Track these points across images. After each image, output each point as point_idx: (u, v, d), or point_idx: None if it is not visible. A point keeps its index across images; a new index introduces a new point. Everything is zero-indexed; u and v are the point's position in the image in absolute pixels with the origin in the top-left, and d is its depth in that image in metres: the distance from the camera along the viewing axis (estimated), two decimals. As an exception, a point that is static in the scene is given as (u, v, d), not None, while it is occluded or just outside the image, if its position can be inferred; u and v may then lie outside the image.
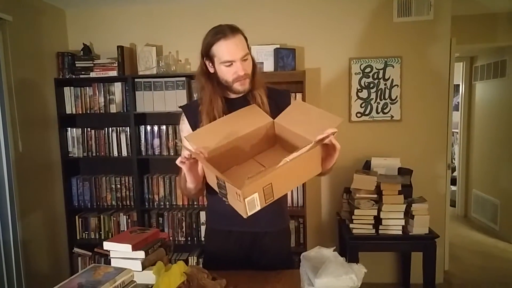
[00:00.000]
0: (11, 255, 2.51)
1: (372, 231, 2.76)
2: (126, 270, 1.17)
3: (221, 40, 1.44)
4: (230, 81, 1.49)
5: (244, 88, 1.51)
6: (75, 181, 3.28)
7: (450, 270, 3.56)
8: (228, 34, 1.44)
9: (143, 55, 3.19)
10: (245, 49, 1.47)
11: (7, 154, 2.52)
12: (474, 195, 4.98)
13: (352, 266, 1.37)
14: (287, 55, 3.07)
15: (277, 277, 1.54)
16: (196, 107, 1.58)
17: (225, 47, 1.44)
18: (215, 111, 1.51)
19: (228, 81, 1.50)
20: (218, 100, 1.53)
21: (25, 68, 2.87)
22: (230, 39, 1.44)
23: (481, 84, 4.81)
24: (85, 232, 3.30)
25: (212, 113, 1.51)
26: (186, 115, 1.61)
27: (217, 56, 1.47)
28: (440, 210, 3.25)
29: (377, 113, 3.25)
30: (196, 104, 1.59)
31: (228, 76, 1.48)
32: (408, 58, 3.19)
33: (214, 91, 1.53)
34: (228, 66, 1.47)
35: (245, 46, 1.48)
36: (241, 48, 1.46)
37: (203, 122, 1.51)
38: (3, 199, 2.50)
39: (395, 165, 3.01)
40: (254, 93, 1.55)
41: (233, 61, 1.45)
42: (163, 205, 3.23)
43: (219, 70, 1.50)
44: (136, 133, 3.17)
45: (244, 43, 1.49)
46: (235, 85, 1.50)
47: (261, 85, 1.57)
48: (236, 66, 1.46)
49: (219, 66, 1.48)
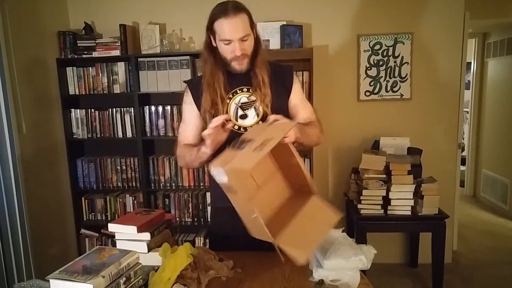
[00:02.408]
0: (18, 237, 2.52)
1: (381, 211, 2.73)
2: (131, 252, 1.14)
3: (222, 18, 1.44)
4: (228, 59, 1.51)
5: (241, 67, 1.53)
6: (80, 163, 3.26)
7: (459, 250, 3.54)
8: (230, 13, 1.43)
9: (146, 33, 3.12)
10: (245, 30, 1.47)
11: (11, 136, 2.49)
12: (484, 174, 4.91)
13: (362, 248, 1.34)
14: (294, 32, 2.99)
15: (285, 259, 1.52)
16: (199, 82, 1.61)
17: (225, 26, 1.45)
18: (216, 83, 1.54)
19: (226, 58, 1.52)
20: (220, 73, 1.55)
21: (26, 48, 2.81)
22: (231, 18, 1.43)
23: (493, 61, 4.68)
24: (92, 213, 3.30)
25: (213, 85, 1.54)
26: (189, 88, 1.65)
27: (217, 32, 1.48)
28: (450, 190, 3.20)
29: (386, 91, 3.18)
30: (199, 79, 1.62)
31: (227, 54, 1.50)
32: (419, 34, 3.09)
33: (216, 64, 1.55)
34: (227, 45, 1.48)
35: (247, 27, 1.48)
36: (241, 28, 1.45)
37: (204, 93, 1.55)
38: (9, 181, 2.49)
39: (404, 145, 2.95)
40: (256, 71, 1.56)
41: (231, 40, 1.46)
42: (169, 186, 3.21)
43: (219, 47, 1.51)
44: (141, 114, 3.13)
45: (246, 23, 1.48)
46: (232, 63, 1.52)
47: (263, 64, 1.58)
48: (233, 46, 1.47)
49: (219, 43, 1.50)
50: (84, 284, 0.97)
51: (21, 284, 1.14)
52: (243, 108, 1.58)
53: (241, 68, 1.53)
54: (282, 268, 1.44)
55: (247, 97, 1.58)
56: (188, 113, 1.66)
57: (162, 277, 1.18)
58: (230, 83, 1.57)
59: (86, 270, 1.02)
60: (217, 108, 1.55)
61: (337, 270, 1.28)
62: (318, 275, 1.29)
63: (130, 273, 1.10)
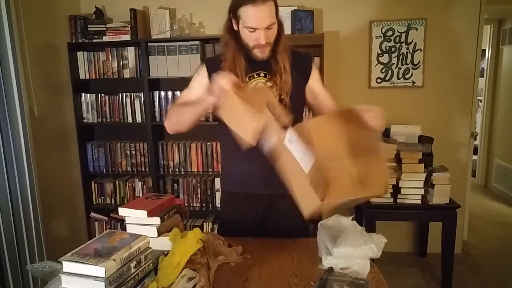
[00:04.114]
0: (30, 220, 2.55)
1: (390, 200, 2.71)
2: (141, 237, 1.14)
3: (250, 5, 1.39)
4: (251, 46, 1.48)
5: (263, 55, 1.50)
6: (90, 147, 3.28)
7: (469, 240, 3.51)
8: (258, 0, 1.38)
9: (156, 18, 3.09)
10: (272, 18, 1.43)
11: (23, 120, 2.51)
12: (496, 164, 4.85)
13: (372, 236, 1.33)
14: (305, 17, 2.94)
15: (294, 245, 1.52)
16: (218, 61, 1.57)
17: (251, 13, 1.40)
18: (238, 69, 1.50)
19: (248, 45, 1.48)
20: (241, 58, 1.52)
21: (38, 33, 2.81)
22: (259, 6, 1.39)
23: (509, 49, 4.57)
24: (101, 197, 3.33)
25: (234, 71, 1.48)
26: (207, 68, 1.59)
27: (242, 19, 1.43)
28: (462, 179, 3.17)
29: (398, 78, 3.13)
30: (218, 58, 1.58)
31: (250, 41, 1.47)
32: (433, 20, 3.02)
33: (238, 49, 1.51)
34: (251, 32, 1.44)
35: (273, 15, 1.44)
36: (268, 17, 1.41)
37: None
38: (21, 164, 2.51)
39: (415, 133, 2.91)
40: (277, 58, 1.53)
41: (256, 28, 1.42)
42: (178, 171, 3.22)
43: (242, 32, 1.47)
44: (150, 99, 3.12)
45: (273, 11, 1.44)
46: (254, 50, 1.49)
47: (285, 50, 1.55)
48: (258, 34, 1.43)
49: (243, 29, 1.46)
50: (96, 267, 0.98)
51: (34, 265, 1.15)
52: None
53: (263, 56, 1.50)
54: (291, 254, 1.45)
55: (264, 82, 1.55)
56: (197, 83, 1.61)
57: (172, 261, 1.18)
58: (251, 69, 1.54)
59: (97, 253, 1.03)
60: None
61: (346, 258, 1.28)
62: (328, 262, 1.29)
63: (141, 257, 1.11)
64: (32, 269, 1.15)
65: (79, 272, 1.00)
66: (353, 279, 1.19)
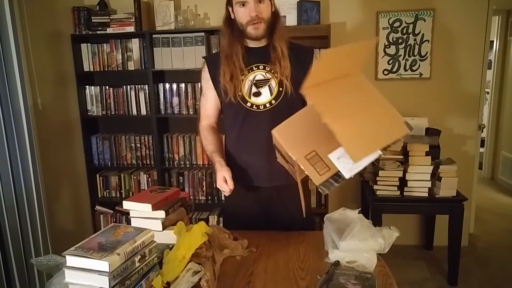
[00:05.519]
0: (35, 213, 2.54)
1: (397, 192, 2.69)
2: (146, 230, 1.13)
3: None
4: (244, 23, 1.51)
5: (257, 32, 1.52)
6: (95, 140, 3.28)
7: (475, 233, 3.49)
8: None
9: (160, 9, 3.06)
10: None
11: (27, 112, 2.49)
12: (503, 156, 4.80)
13: (382, 230, 1.31)
14: (311, 8, 2.90)
15: (300, 238, 1.51)
16: (217, 56, 1.62)
17: None
18: (234, 55, 1.54)
19: (242, 24, 1.52)
20: (238, 45, 1.56)
21: (41, 24, 2.79)
22: None
23: (517, 40, 4.51)
24: (106, 190, 3.33)
25: (231, 57, 1.54)
26: (207, 65, 1.66)
27: None
28: (469, 172, 3.13)
29: (405, 70, 3.09)
30: (217, 56, 1.62)
31: (243, 18, 1.51)
32: (441, 11, 2.97)
33: (233, 37, 1.56)
34: (242, 7, 1.49)
35: None
36: None
37: (222, 66, 1.56)
38: (25, 157, 2.50)
39: (422, 125, 2.87)
40: (275, 44, 1.55)
41: (246, 1, 1.47)
42: (183, 164, 3.21)
43: (236, 13, 1.52)
44: (155, 91, 3.10)
45: None
46: (248, 28, 1.51)
47: (283, 38, 1.57)
48: (249, 7, 1.47)
49: (236, 9, 1.51)
50: (100, 261, 0.97)
51: (39, 259, 1.15)
52: (258, 85, 1.57)
53: (257, 33, 1.52)
54: (297, 248, 1.44)
55: (263, 74, 1.56)
56: (207, 89, 1.69)
57: (177, 255, 1.17)
58: (248, 58, 1.56)
59: (101, 247, 1.02)
60: (236, 80, 1.55)
61: (353, 251, 1.27)
62: (334, 256, 1.28)
63: (145, 251, 1.10)
64: (37, 262, 1.14)
65: (82, 266, 0.99)
66: (360, 273, 1.18)
